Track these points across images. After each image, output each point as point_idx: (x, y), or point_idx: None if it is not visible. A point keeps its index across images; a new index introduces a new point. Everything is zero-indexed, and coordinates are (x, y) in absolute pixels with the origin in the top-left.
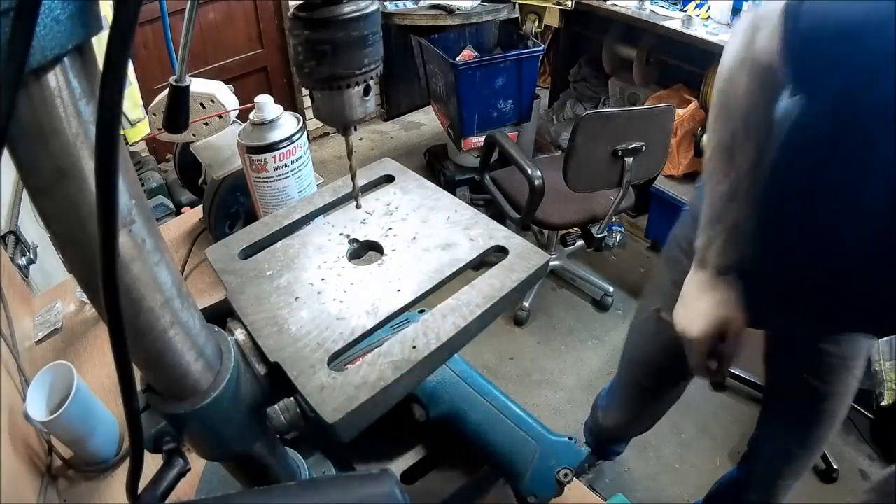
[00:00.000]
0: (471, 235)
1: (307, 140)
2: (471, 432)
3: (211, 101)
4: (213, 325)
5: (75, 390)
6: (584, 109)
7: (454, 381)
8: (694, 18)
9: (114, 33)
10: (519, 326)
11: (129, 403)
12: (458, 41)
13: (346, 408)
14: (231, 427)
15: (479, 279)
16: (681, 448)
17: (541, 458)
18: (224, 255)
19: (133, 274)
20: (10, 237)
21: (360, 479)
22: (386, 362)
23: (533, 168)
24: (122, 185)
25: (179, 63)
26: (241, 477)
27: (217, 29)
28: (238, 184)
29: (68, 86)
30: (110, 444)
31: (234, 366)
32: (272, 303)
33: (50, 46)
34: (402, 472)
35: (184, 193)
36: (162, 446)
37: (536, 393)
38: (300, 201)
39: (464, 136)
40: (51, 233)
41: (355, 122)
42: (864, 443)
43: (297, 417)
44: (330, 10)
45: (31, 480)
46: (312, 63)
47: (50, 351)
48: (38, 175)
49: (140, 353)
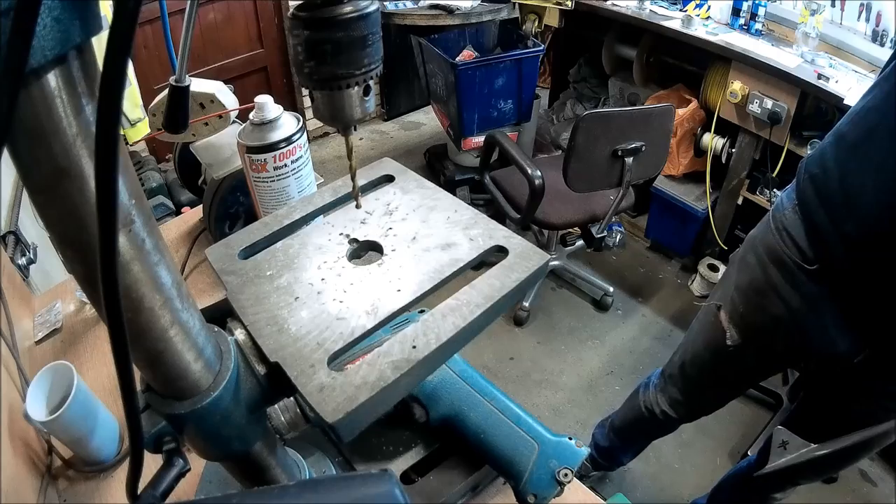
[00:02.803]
0: (471, 235)
1: (307, 140)
2: (471, 432)
3: (211, 101)
4: (213, 325)
5: (75, 390)
6: (584, 109)
7: (454, 381)
8: (694, 18)
9: (114, 33)
10: (519, 326)
11: (129, 403)
12: (458, 41)
13: (346, 408)
14: (231, 427)
15: (479, 279)
16: (681, 448)
17: (541, 458)
18: (224, 255)
19: (133, 274)
20: (10, 237)
21: (360, 479)
22: (386, 362)
23: (533, 168)
24: (122, 185)
25: (179, 63)
26: (241, 477)
27: (217, 29)
28: (238, 184)
29: (68, 86)
30: (110, 444)
31: (234, 366)
32: (272, 303)
33: (50, 46)
34: (402, 472)
35: (184, 193)
36: (162, 446)
37: (536, 393)
38: (300, 201)
39: (464, 136)
40: (51, 233)
41: (355, 122)
42: None
43: (297, 417)
44: (330, 10)
45: (31, 480)
46: (312, 63)
47: (50, 351)
48: (38, 175)
49: (140, 353)
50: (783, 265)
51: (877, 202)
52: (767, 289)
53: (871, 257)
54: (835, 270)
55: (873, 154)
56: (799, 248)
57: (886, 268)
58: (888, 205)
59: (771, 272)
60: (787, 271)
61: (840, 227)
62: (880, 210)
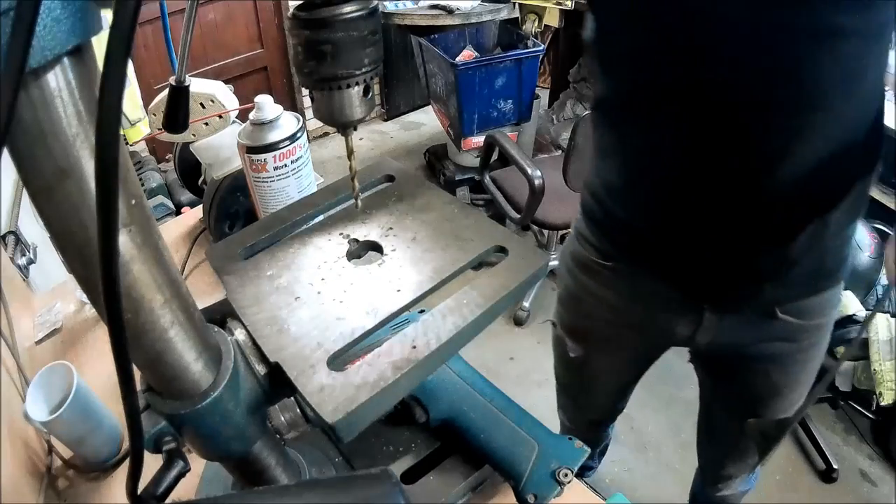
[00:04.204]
0: (470, 235)
1: (307, 140)
2: (471, 432)
3: (211, 101)
4: (213, 325)
5: (75, 390)
6: (584, 109)
7: (454, 381)
8: None
9: (114, 33)
10: (519, 326)
11: (129, 403)
12: (458, 41)
13: (346, 408)
14: (231, 427)
15: (479, 279)
16: (681, 448)
17: (541, 458)
18: (224, 255)
19: (133, 274)
20: (10, 237)
21: (360, 479)
22: (386, 362)
23: (533, 168)
24: (121, 185)
25: (179, 63)
26: (240, 477)
27: (217, 29)
28: (238, 184)
29: (68, 86)
30: (110, 444)
31: (234, 366)
32: (272, 303)
33: (50, 46)
34: (402, 472)
35: (184, 193)
36: (162, 446)
37: (536, 393)
38: (300, 201)
39: (464, 136)
40: (51, 233)
41: (355, 122)
42: (864, 443)
43: (297, 417)
44: (329, 10)
45: (31, 480)
46: (312, 63)
47: (50, 351)
48: (38, 175)
49: (140, 353)
50: (587, 267)
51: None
52: (581, 293)
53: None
54: (629, 258)
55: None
56: (594, 247)
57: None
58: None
59: (580, 277)
60: (592, 272)
61: (611, 216)
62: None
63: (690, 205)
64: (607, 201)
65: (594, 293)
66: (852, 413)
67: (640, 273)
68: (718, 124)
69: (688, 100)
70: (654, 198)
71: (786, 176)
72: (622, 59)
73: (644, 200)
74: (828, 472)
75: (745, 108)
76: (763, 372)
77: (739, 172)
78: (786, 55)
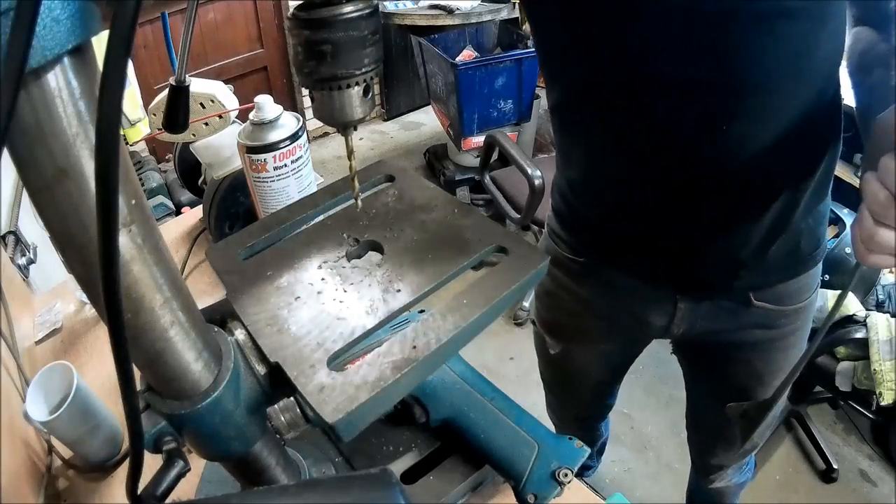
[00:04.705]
0: (471, 235)
1: (307, 140)
2: (471, 432)
3: (211, 101)
4: (213, 325)
5: (75, 390)
6: None
7: (454, 381)
8: None
9: (114, 33)
10: (519, 326)
11: (129, 403)
12: (458, 41)
13: (346, 408)
14: (231, 427)
15: (479, 279)
16: (681, 448)
17: (541, 458)
18: (224, 255)
19: (133, 274)
20: (10, 237)
21: (360, 479)
22: (386, 362)
23: (533, 168)
24: (122, 185)
25: (179, 63)
26: (240, 477)
27: (217, 29)
28: (238, 184)
29: (68, 86)
30: (110, 444)
31: (234, 366)
32: (272, 303)
33: (50, 46)
34: (402, 472)
35: (184, 193)
36: (162, 446)
37: (536, 393)
38: (300, 201)
39: (464, 135)
40: (51, 233)
41: (355, 122)
42: (864, 443)
43: (297, 417)
44: (329, 10)
45: (31, 480)
46: (312, 63)
47: (50, 351)
48: (38, 175)
49: (140, 353)
50: (560, 263)
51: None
52: (556, 289)
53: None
54: (597, 254)
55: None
56: (565, 243)
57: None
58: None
59: (554, 273)
60: (565, 268)
61: (577, 213)
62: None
63: (650, 198)
64: (572, 199)
65: (568, 288)
66: (852, 413)
67: (610, 268)
68: (666, 115)
69: (632, 93)
70: (614, 193)
71: (745, 159)
72: (564, 57)
73: (605, 197)
74: (828, 472)
75: (690, 95)
76: (744, 360)
77: (696, 160)
78: (725, 39)
